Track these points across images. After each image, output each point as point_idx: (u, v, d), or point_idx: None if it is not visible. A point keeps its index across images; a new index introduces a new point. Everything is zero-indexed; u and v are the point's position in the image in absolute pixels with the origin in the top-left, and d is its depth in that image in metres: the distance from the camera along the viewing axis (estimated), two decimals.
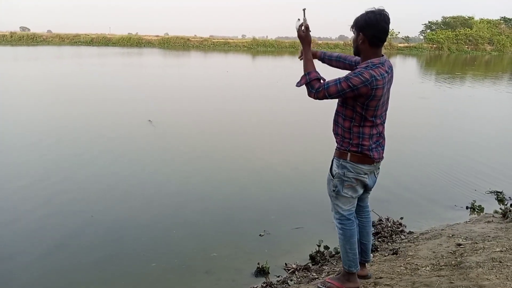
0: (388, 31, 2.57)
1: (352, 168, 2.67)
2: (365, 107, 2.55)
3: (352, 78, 2.47)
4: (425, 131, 9.43)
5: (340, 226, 2.79)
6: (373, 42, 2.55)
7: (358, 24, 2.57)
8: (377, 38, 2.54)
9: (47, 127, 8.66)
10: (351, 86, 2.46)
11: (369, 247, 3.03)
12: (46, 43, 53.01)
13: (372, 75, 2.46)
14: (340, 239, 2.83)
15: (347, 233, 2.78)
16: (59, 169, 6.07)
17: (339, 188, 2.72)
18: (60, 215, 4.65)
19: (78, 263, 3.73)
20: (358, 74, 2.47)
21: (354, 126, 2.62)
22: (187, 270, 3.64)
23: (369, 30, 2.52)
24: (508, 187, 5.69)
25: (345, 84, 2.47)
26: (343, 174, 2.69)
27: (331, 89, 2.51)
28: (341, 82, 2.49)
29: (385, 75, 2.54)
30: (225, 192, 5.43)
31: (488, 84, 20.57)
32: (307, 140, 8.29)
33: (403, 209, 4.90)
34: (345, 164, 2.68)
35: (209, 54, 42.26)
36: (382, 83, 2.51)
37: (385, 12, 2.53)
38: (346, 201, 2.76)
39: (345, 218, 2.78)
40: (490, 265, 2.94)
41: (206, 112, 10.99)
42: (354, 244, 2.81)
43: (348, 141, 2.66)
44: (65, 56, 32.20)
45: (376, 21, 2.50)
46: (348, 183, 2.70)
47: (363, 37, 2.55)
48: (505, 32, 70.51)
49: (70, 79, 17.02)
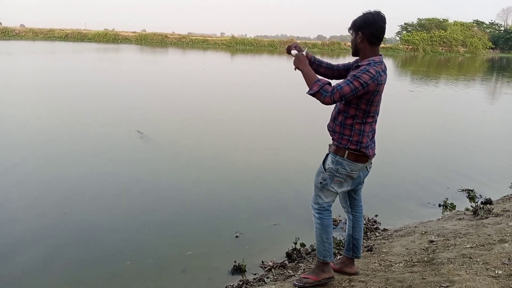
0: (385, 31, 2.67)
1: (347, 166, 2.72)
2: (370, 103, 2.63)
3: (362, 75, 2.53)
4: (398, 130, 9.62)
5: (318, 216, 2.83)
6: (372, 41, 2.64)
7: (357, 24, 2.65)
8: (375, 36, 2.63)
9: (16, 125, 8.43)
10: (363, 84, 2.52)
11: (360, 243, 3.06)
12: (19, 37, 51.64)
13: (377, 71, 2.56)
14: (317, 228, 2.84)
15: (325, 222, 2.82)
16: (29, 167, 5.92)
17: (328, 182, 2.77)
18: (32, 213, 4.53)
19: (50, 263, 3.64)
20: (365, 71, 2.54)
21: (357, 124, 2.68)
22: (163, 269, 3.60)
23: (368, 29, 2.61)
24: (479, 185, 5.86)
25: (357, 83, 2.52)
26: (337, 170, 2.73)
27: (345, 89, 2.52)
28: (352, 81, 2.53)
29: (385, 71, 2.67)
30: (199, 191, 5.38)
31: (461, 85, 21.11)
32: (282, 138, 8.33)
33: (378, 207, 4.97)
34: (341, 161, 2.72)
35: (187, 51, 41.95)
36: (384, 78, 2.63)
37: (381, 13, 2.64)
38: (329, 194, 2.81)
39: (324, 209, 2.82)
40: (460, 261, 3.02)
41: (178, 110, 10.91)
42: (330, 233, 2.85)
43: (347, 138, 2.70)
44: (39, 52, 31.39)
45: (374, 21, 2.60)
46: (338, 179, 2.75)
47: (362, 36, 2.63)
48: (477, 35, 72.65)
49: (46, 75, 16.60)
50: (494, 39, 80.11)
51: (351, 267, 3.07)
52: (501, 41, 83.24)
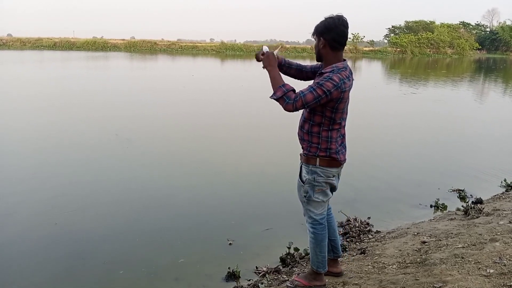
0: (347, 35, 2.65)
1: (322, 173, 2.71)
2: (335, 110, 2.60)
3: (325, 83, 2.49)
4: (387, 132, 9.68)
5: (312, 230, 2.85)
6: (334, 46, 2.61)
7: (319, 30, 2.63)
8: (337, 42, 2.60)
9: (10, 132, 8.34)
10: (326, 92, 2.48)
11: (338, 242, 3.11)
12: (6, 47, 51.14)
13: (340, 78, 2.52)
14: (311, 242, 2.88)
15: (319, 237, 2.84)
16: (19, 176, 5.85)
17: (310, 194, 2.76)
18: (23, 222, 4.48)
19: (41, 274, 3.58)
20: (328, 78, 2.50)
21: (323, 131, 2.66)
22: (156, 277, 3.57)
23: (329, 34, 2.58)
24: (470, 185, 5.90)
25: (320, 90, 2.48)
26: (313, 179, 2.73)
27: (308, 97, 2.49)
28: (315, 89, 2.49)
29: (350, 77, 2.63)
30: (190, 198, 5.34)
31: (449, 85, 21.33)
32: (273, 143, 8.32)
33: (370, 209, 4.99)
34: (314, 169, 2.72)
35: (177, 58, 41.90)
36: (348, 85, 2.59)
37: (343, 18, 2.61)
38: (318, 205, 2.81)
39: (318, 223, 2.83)
40: (453, 261, 3.04)
41: (168, 116, 10.87)
42: (324, 247, 2.88)
43: (316, 146, 2.69)
44: (27, 61, 31.15)
45: (335, 26, 2.57)
46: (319, 187, 2.74)
47: (324, 41, 2.61)
48: (464, 36, 73.63)
49: (37, 85, 16.47)
50: (481, 40, 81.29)
51: (336, 267, 3.13)
52: (487, 42, 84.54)
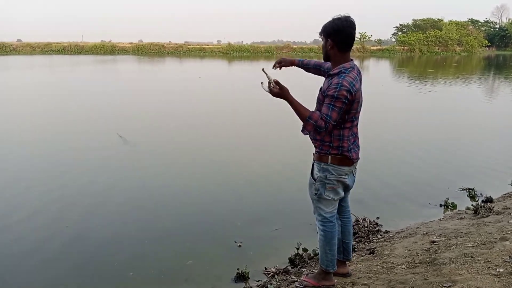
0: (354, 37, 2.69)
1: (333, 171, 2.73)
2: (347, 111, 2.62)
3: (339, 94, 2.51)
4: (398, 131, 9.64)
5: (322, 228, 2.85)
6: (341, 47, 2.65)
7: (326, 31, 2.66)
8: (344, 43, 2.64)
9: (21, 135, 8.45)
10: (344, 101, 2.53)
11: (351, 246, 3.12)
12: (16, 52, 51.81)
13: (349, 82, 2.55)
14: (321, 240, 2.88)
15: (328, 235, 2.85)
16: (29, 179, 5.93)
17: (321, 191, 2.77)
18: (34, 225, 4.54)
19: (53, 275, 3.64)
20: (340, 86, 2.52)
21: (335, 129, 2.67)
22: (166, 279, 3.60)
23: (337, 36, 2.62)
24: (480, 183, 5.85)
25: (339, 103, 2.52)
26: (325, 177, 2.74)
27: (334, 116, 2.53)
28: (334, 104, 2.52)
29: (358, 78, 2.65)
30: (198, 199, 5.37)
31: (459, 83, 21.15)
32: (282, 143, 8.32)
33: (379, 209, 4.98)
34: (326, 167, 2.73)
35: (184, 60, 42.07)
36: (358, 86, 2.63)
37: (350, 19, 2.63)
38: (328, 204, 2.81)
39: (328, 221, 2.83)
40: (462, 261, 3.02)
41: (174, 118, 10.92)
42: (334, 245, 2.88)
43: (328, 144, 2.71)
44: (36, 65, 31.50)
45: (342, 27, 2.60)
46: (330, 185, 2.75)
47: (331, 43, 2.64)
48: (473, 33, 72.97)
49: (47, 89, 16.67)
50: (490, 37, 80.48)
51: (343, 268, 3.13)
52: (496, 39, 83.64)
